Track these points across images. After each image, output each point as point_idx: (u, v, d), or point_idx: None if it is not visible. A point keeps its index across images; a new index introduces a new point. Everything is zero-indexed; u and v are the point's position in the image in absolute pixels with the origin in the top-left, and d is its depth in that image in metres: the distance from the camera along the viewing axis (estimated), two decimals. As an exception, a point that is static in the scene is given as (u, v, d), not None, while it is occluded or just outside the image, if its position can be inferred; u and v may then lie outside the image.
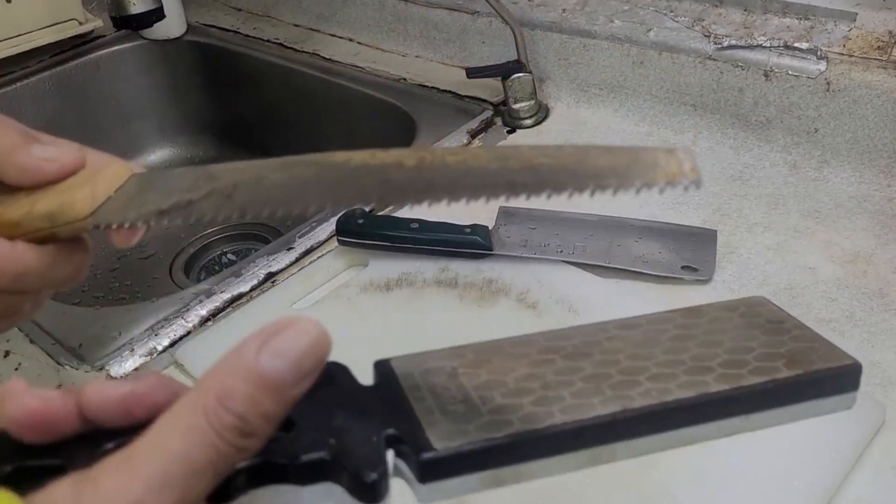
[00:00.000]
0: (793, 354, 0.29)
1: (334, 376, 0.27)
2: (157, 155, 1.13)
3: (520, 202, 0.67)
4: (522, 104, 0.80)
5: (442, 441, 0.25)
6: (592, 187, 0.27)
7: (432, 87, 0.89)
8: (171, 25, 1.06)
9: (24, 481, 0.22)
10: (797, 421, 0.28)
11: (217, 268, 0.97)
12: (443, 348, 0.29)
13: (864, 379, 0.49)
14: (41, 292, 0.36)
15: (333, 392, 0.26)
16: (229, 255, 0.99)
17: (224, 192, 0.30)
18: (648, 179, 0.26)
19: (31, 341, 0.59)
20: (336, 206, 0.31)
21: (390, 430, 0.25)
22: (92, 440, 0.24)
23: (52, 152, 0.33)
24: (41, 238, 0.33)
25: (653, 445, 0.27)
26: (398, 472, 0.26)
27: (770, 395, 0.27)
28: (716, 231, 0.62)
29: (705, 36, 0.73)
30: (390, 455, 0.25)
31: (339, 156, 0.30)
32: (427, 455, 0.24)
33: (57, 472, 0.23)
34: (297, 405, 0.24)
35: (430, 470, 0.25)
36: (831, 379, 0.29)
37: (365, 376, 0.28)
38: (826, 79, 0.66)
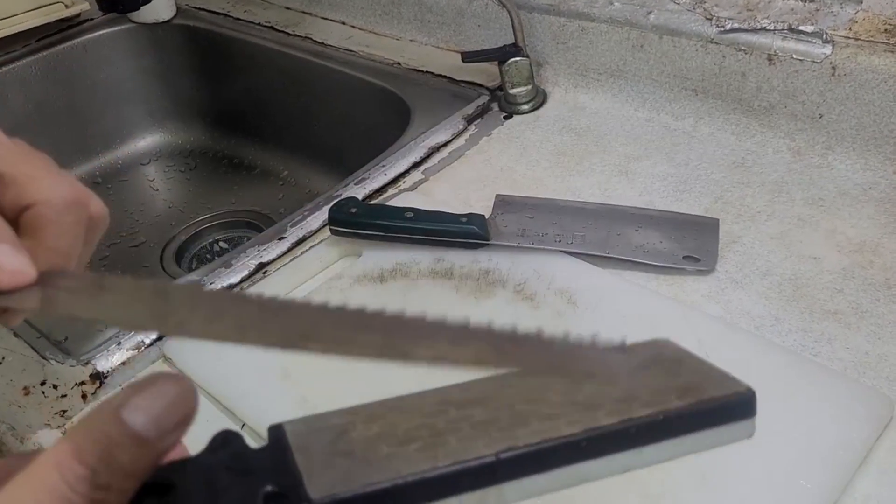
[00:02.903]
0: (686, 386, 0.28)
1: (225, 442, 0.27)
2: (147, 141, 1.11)
3: (516, 190, 0.65)
4: (519, 89, 0.79)
5: (320, 492, 0.25)
6: None
7: (427, 72, 0.87)
8: (160, 8, 1.04)
9: None
10: (694, 452, 0.28)
11: (209, 256, 0.96)
12: (339, 409, 0.29)
13: (871, 373, 0.48)
14: None
15: (221, 456, 0.26)
16: (221, 244, 0.97)
17: None
18: None
19: (16, 335, 0.58)
20: None
21: (269, 487, 0.25)
22: None
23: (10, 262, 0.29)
24: None
25: (541, 484, 0.26)
26: None
27: (660, 426, 0.27)
28: (718, 220, 0.61)
29: (707, 19, 0.71)
30: None
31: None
32: None
33: None
34: (180, 469, 0.24)
35: None
36: (724, 407, 0.28)
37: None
38: (831, 63, 0.65)
